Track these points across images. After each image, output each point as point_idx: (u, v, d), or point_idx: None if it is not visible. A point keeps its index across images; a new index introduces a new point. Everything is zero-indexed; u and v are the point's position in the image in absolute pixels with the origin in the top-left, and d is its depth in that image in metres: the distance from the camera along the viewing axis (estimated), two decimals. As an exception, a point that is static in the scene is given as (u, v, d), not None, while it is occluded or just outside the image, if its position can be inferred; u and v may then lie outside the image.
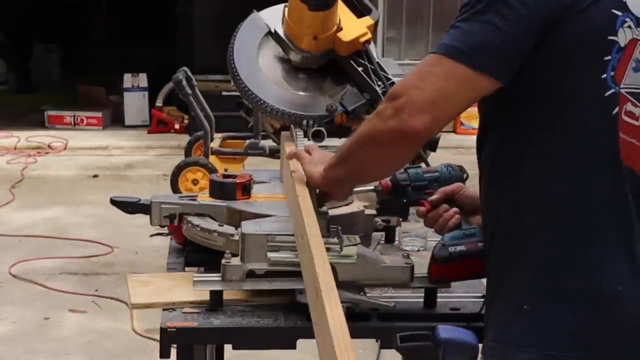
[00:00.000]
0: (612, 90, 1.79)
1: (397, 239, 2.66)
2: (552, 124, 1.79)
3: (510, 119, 1.84)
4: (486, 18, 1.75)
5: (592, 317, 1.80)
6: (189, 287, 2.19)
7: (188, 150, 5.39)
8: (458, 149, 8.72)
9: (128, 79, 10.80)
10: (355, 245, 2.13)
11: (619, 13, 1.79)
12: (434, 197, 2.21)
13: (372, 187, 2.33)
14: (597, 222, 1.80)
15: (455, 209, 2.18)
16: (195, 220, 2.40)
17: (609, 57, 1.78)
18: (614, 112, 1.79)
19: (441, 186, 2.24)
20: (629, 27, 1.79)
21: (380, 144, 1.83)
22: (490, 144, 1.91)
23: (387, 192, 2.33)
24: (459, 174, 2.32)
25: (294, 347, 2.12)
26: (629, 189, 1.80)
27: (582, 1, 1.75)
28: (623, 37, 1.79)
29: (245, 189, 2.49)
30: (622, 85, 1.79)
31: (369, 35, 2.76)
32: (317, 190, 2.11)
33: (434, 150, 2.53)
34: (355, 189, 2.21)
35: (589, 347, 1.80)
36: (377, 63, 2.75)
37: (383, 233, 2.61)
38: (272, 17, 2.86)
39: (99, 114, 10.71)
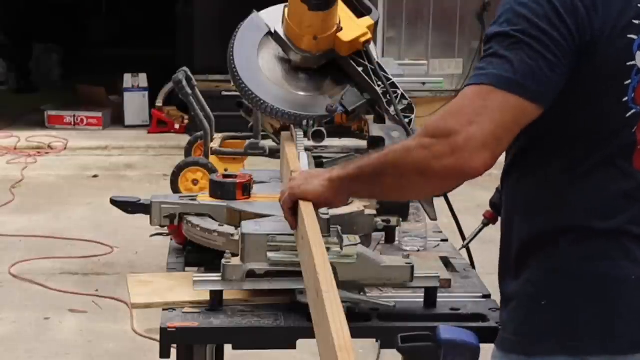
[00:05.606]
0: (633, 111, 1.84)
1: (397, 239, 2.65)
2: (572, 144, 1.84)
3: (535, 135, 1.86)
4: (530, 47, 1.74)
5: (607, 306, 1.86)
6: (189, 287, 2.18)
7: (188, 150, 5.39)
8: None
9: (128, 79, 10.81)
10: (355, 245, 2.13)
11: (635, 37, 1.81)
12: None
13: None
14: (608, 220, 1.85)
15: None
16: (195, 220, 2.40)
17: (629, 81, 1.82)
18: (634, 130, 1.84)
19: None
20: None
21: (429, 178, 1.79)
22: (516, 155, 1.93)
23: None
24: None
25: (294, 347, 2.12)
26: None
27: (605, 28, 1.77)
28: None
29: (245, 189, 2.49)
30: None
31: (369, 36, 2.76)
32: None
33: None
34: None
35: (605, 335, 1.86)
36: (377, 63, 2.75)
37: (383, 233, 2.61)
38: (272, 17, 2.85)
39: (99, 114, 10.71)
